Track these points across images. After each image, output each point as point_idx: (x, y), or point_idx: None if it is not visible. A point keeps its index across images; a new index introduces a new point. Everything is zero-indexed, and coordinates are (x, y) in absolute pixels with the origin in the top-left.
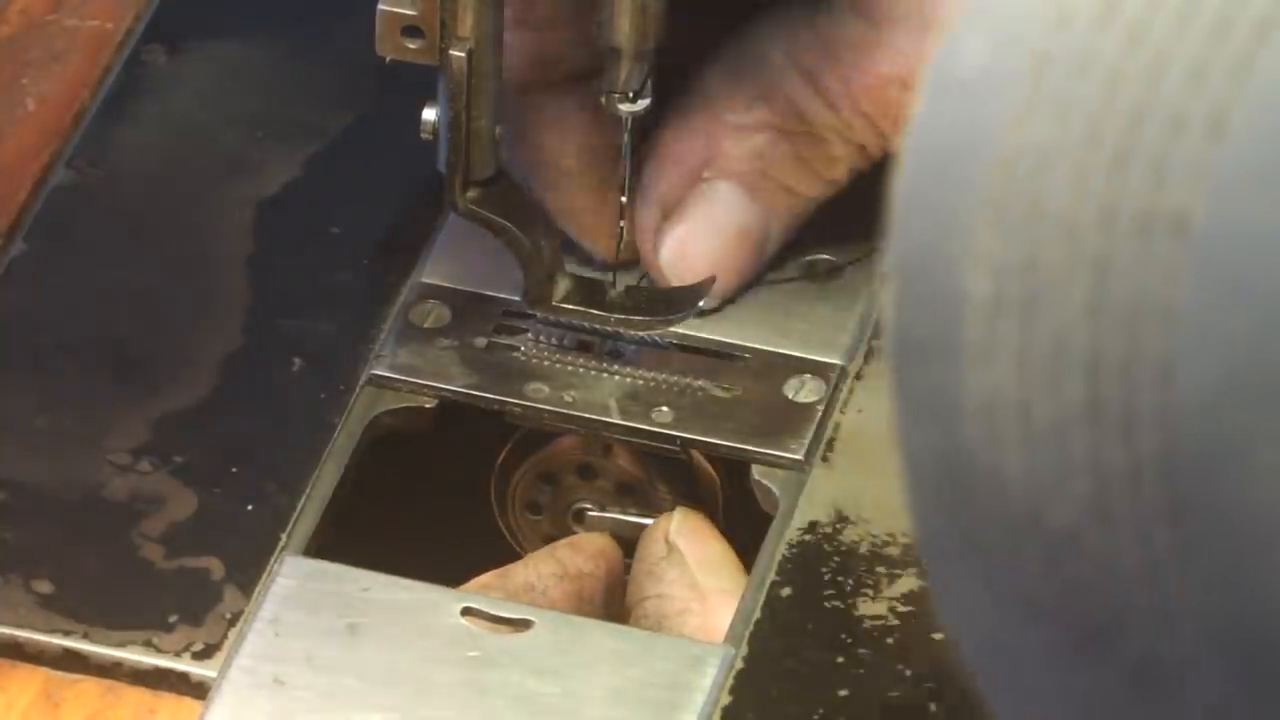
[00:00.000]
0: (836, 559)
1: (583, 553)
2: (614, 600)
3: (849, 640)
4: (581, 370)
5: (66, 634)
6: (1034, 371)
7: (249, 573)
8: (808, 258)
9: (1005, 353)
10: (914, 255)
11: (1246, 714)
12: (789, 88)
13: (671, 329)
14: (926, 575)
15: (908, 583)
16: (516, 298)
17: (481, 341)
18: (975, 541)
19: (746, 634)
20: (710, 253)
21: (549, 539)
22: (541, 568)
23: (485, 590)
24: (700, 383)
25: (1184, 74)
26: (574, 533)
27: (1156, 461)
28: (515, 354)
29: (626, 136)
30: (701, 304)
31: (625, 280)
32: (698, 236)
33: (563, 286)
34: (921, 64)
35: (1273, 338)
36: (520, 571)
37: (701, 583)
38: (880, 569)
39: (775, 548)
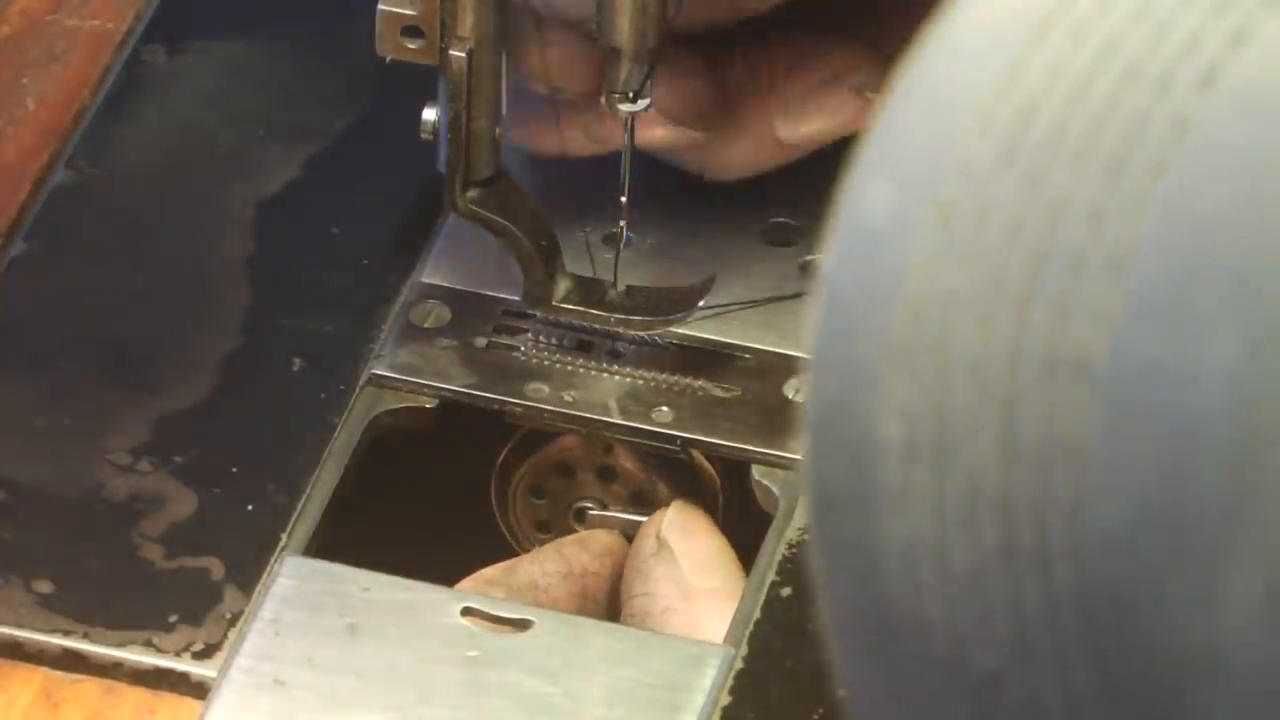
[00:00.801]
0: None
1: (589, 550)
2: (619, 599)
3: None
4: (581, 370)
5: (66, 634)
6: (949, 516)
7: (249, 573)
8: (807, 258)
9: (920, 499)
10: (828, 406)
11: None
12: None
13: (671, 329)
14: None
15: None
16: (516, 298)
17: (481, 341)
18: (901, 689)
19: (746, 634)
20: None
21: (550, 539)
22: (547, 565)
23: (489, 585)
24: (700, 383)
25: (1082, 216)
26: (574, 532)
27: (1072, 600)
28: (515, 354)
29: (627, 136)
30: None
31: (625, 280)
32: None
33: (563, 286)
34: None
35: (1178, 472)
36: (525, 568)
37: (689, 581)
38: None
39: (775, 548)
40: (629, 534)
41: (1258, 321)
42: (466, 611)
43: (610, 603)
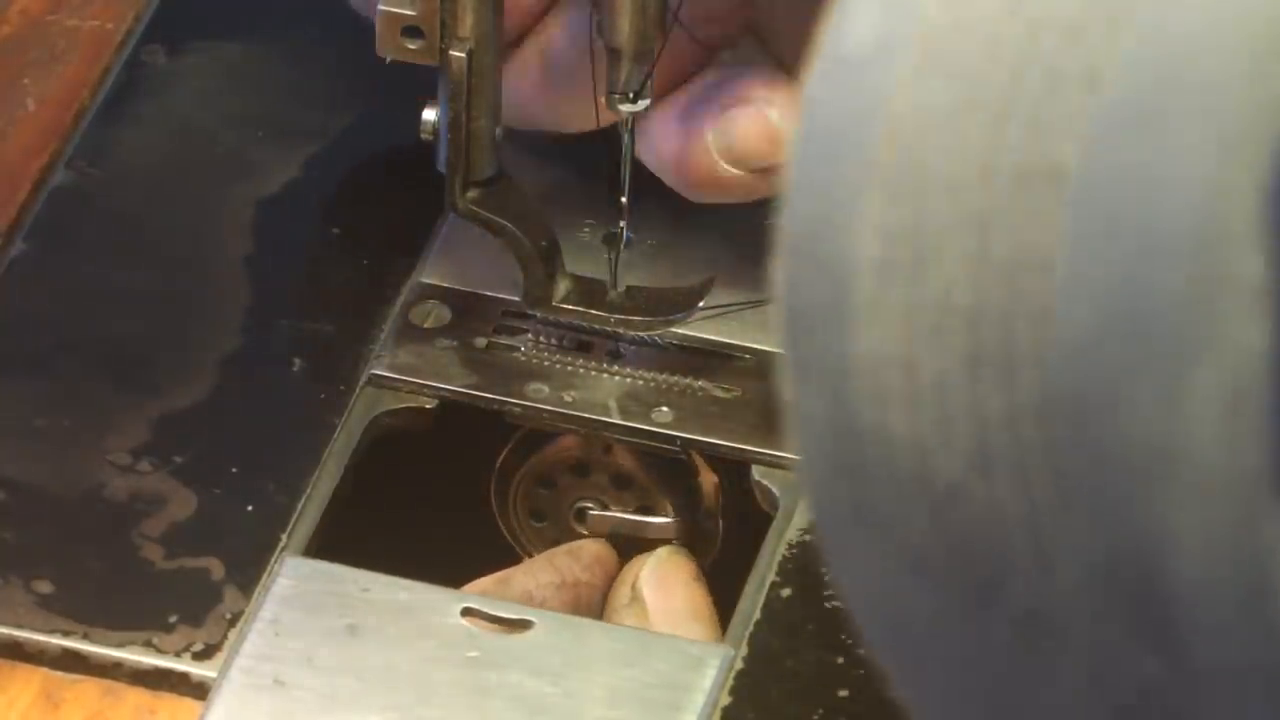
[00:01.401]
0: None
1: (580, 561)
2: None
3: (849, 640)
4: (581, 370)
5: (66, 634)
6: (919, 328)
7: (249, 573)
8: None
9: (892, 313)
10: (806, 226)
11: (1129, 656)
12: None
13: (671, 329)
14: (821, 542)
15: None
16: (516, 298)
17: (481, 341)
18: (865, 505)
19: (746, 634)
20: None
21: (550, 539)
22: (540, 576)
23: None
24: (700, 383)
25: (1061, 33)
26: (575, 532)
27: (1034, 407)
28: (515, 354)
29: (626, 137)
30: None
31: (625, 280)
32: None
33: (563, 287)
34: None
35: (1145, 278)
36: (519, 579)
37: None
38: None
39: (775, 548)
40: (628, 534)
41: (1229, 131)
42: (466, 612)
43: (602, 611)
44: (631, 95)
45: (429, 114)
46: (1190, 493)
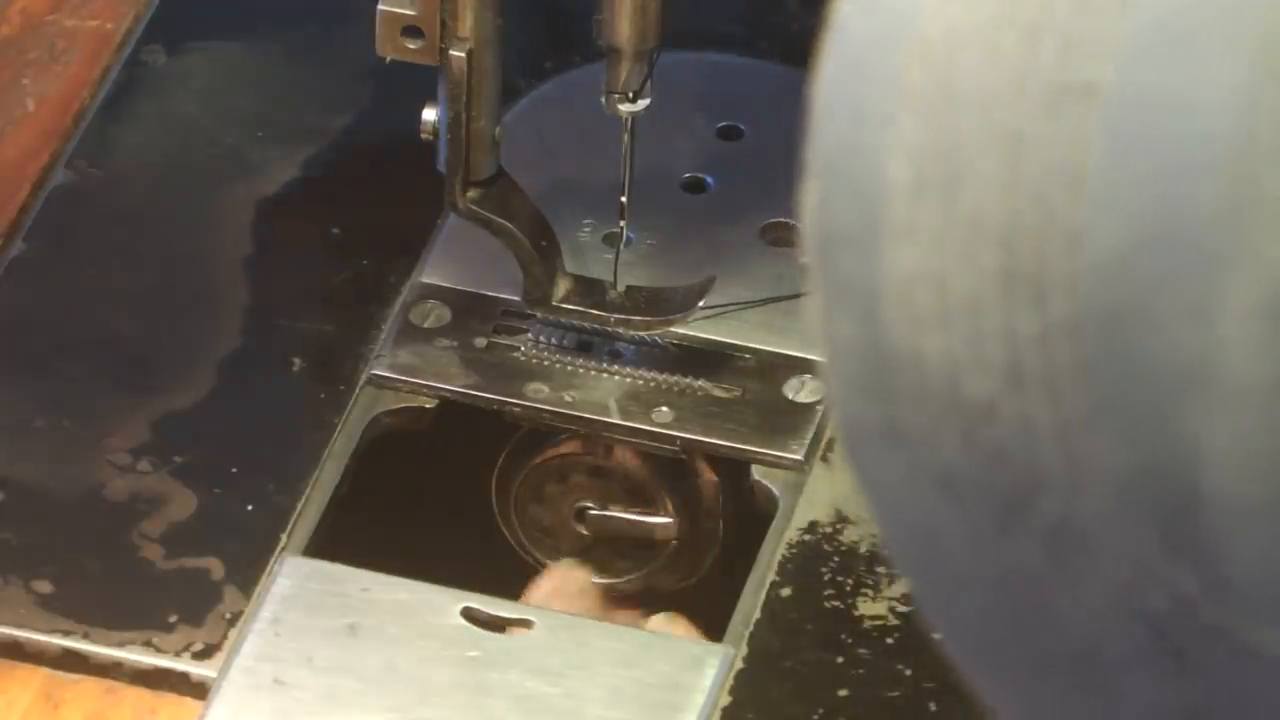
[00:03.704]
0: (836, 559)
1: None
2: None
3: (849, 640)
4: (581, 370)
5: (66, 634)
6: (952, 248)
7: (249, 573)
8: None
9: (925, 233)
10: (836, 150)
11: (1161, 570)
12: None
13: (671, 329)
14: (850, 466)
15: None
16: (516, 298)
17: (481, 341)
18: (896, 424)
19: (746, 634)
20: None
21: (549, 539)
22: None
23: None
24: (700, 383)
25: None
26: (575, 532)
27: (1067, 324)
28: (515, 354)
29: (626, 136)
30: None
31: (625, 280)
32: None
33: (563, 286)
34: None
35: (1175, 195)
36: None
37: None
38: (880, 569)
39: (775, 548)
40: (630, 533)
41: (1259, 48)
42: (466, 612)
43: None
44: (631, 95)
45: (429, 114)
46: (1222, 404)
